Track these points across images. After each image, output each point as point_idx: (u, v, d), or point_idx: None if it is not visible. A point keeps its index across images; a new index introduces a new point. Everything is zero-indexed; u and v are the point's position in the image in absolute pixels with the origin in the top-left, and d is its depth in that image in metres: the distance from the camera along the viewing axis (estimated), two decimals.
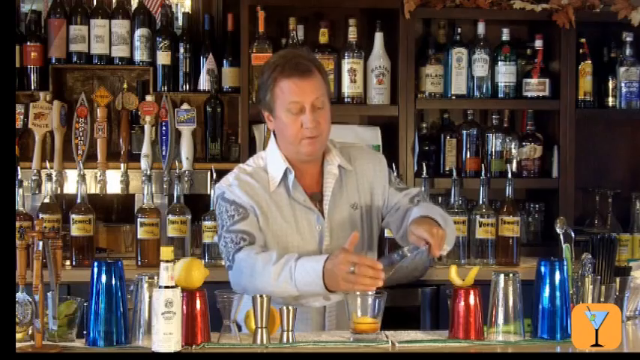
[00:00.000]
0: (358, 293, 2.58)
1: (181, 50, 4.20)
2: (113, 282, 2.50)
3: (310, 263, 2.71)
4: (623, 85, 4.25)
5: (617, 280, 2.82)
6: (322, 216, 2.93)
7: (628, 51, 4.26)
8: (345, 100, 4.14)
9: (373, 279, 2.60)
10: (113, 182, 4.06)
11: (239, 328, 2.70)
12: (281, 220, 2.90)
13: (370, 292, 2.58)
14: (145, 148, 4.06)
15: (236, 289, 2.71)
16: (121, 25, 4.15)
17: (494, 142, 4.25)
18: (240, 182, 2.92)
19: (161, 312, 2.38)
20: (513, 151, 4.23)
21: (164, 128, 4.09)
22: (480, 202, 3.96)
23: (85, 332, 2.53)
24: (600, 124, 4.49)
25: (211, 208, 3.85)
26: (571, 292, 2.69)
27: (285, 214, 2.91)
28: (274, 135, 2.98)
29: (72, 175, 4.04)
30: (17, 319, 2.53)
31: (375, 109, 4.17)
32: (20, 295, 2.54)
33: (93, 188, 4.02)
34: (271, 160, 2.96)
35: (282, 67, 2.87)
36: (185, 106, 4.13)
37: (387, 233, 3.75)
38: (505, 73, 4.19)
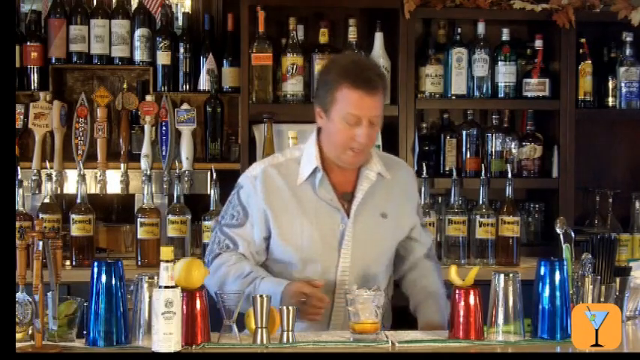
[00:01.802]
0: (357, 293, 2.59)
1: (181, 50, 4.20)
2: (113, 282, 2.50)
3: (272, 285, 2.78)
4: (623, 85, 4.25)
5: (617, 280, 2.82)
6: (347, 216, 2.94)
7: (628, 51, 4.26)
8: None
9: (317, 314, 2.74)
10: (113, 182, 4.06)
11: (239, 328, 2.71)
12: (301, 214, 2.92)
13: (370, 292, 2.60)
14: (145, 148, 4.06)
15: (206, 284, 2.70)
16: (120, 25, 4.15)
17: (494, 142, 4.25)
18: (264, 176, 2.95)
19: (161, 312, 2.38)
20: (513, 151, 4.23)
21: (164, 128, 4.09)
22: (480, 202, 3.96)
23: (85, 332, 2.53)
24: (600, 124, 4.48)
25: (211, 208, 3.85)
26: (571, 292, 2.69)
27: (307, 209, 2.93)
28: (317, 131, 2.98)
29: (72, 175, 4.04)
30: (17, 319, 2.53)
31: None
32: (20, 295, 2.54)
33: (93, 188, 4.02)
34: (307, 154, 2.98)
35: (353, 75, 2.83)
36: (185, 106, 4.13)
37: None
38: (505, 73, 4.19)
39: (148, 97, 4.11)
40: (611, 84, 4.29)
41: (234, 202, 2.98)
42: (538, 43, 4.21)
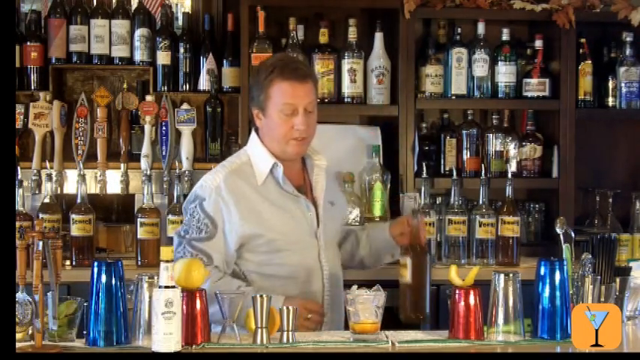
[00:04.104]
0: (357, 293, 2.60)
1: (181, 50, 4.20)
2: (113, 282, 2.50)
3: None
4: (623, 85, 4.25)
5: (617, 280, 2.83)
6: (313, 204, 3.06)
7: (628, 51, 4.26)
8: (345, 100, 4.14)
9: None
10: (113, 182, 4.06)
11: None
12: (272, 209, 2.99)
13: (370, 292, 2.60)
14: (145, 148, 4.06)
15: None
16: (121, 25, 4.15)
17: (494, 142, 4.24)
18: (228, 184, 2.97)
19: (161, 312, 2.38)
20: (513, 151, 4.23)
21: (164, 128, 4.09)
22: (480, 202, 3.96)
23: (85, 332, 2.54)
24: (600, 124, 4.48)
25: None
26: (571, 292, 2.69)
27: (276, 204, 3.00)
28: (256, 132, 3.08)
29: (72, 175, 4.04)
30: (17, 319, 2.53)
31: (375, 109, 4.17)
32: (20, 295, 2.54)
33: (93, 188, 4.02)
34: (257, 155, 3.05)
35: (280, 69, 2.98)
36: (185, 106, 4.13)
37: None
38: (505, 73, 4.19)
39: (148, 97, 4.11)
40: (611, 84, 4.29)
41: (199, 216, 2.96)
42: (538, 43, 4.21)
